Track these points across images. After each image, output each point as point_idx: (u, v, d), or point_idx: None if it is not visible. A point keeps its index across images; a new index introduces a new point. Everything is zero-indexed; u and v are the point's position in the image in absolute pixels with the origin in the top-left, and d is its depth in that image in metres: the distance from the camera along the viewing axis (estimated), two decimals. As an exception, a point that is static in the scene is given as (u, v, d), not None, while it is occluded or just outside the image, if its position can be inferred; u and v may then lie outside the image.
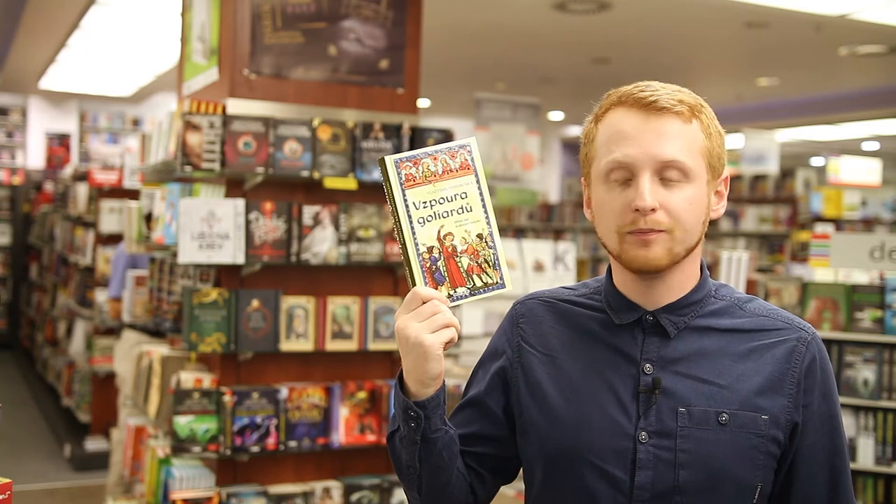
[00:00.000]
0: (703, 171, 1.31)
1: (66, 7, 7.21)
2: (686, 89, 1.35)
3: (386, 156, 1.30)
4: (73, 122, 12.12)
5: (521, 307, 1.47)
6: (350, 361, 3.48)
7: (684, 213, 1.29)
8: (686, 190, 1.29)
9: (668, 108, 1.29)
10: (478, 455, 1.44)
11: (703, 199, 1.32)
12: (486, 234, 1.32)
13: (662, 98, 1.29)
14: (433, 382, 1.29)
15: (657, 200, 1.28)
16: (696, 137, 1.31)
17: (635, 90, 1.32)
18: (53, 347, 8.24)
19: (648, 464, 1.30)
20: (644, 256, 1.29)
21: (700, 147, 1.31)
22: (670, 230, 1.29)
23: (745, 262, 4.49)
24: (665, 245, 1.29)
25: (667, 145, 1.28)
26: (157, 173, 3.96)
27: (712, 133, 1.33)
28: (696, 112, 1.32)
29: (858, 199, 9.84)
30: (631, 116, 1.31)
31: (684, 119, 1.30)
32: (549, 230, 13.34)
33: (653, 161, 1.28)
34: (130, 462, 3.92)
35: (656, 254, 1.29)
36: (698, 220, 1.32)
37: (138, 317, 4.40)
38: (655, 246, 1.29)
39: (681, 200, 1.29)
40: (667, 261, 1.30)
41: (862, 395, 4.02)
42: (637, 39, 8.28)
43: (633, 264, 1.31)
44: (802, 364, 1.33)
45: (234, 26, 3.35)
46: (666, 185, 1.29)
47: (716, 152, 1.33)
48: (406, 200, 1.30)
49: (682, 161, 1.28)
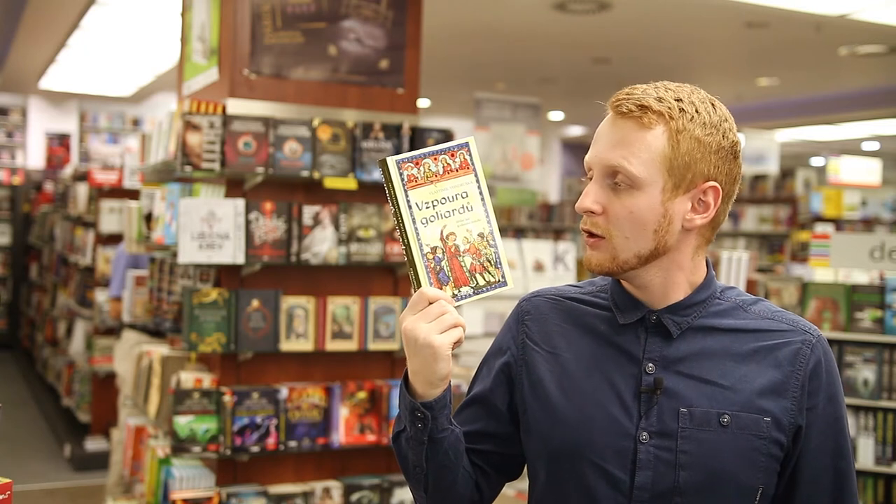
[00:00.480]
0: (657, 178, 1.28)
1: (66, 7, 7.21)
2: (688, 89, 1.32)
3: (387, 157, 1.31)
4: (73, 122, 12.12)
5: (527, 304, 1.47)
6: (350, 361, 3.48)
7: (623, 219, 1.29)
8: (632, 197, 1.29)
9: (626, 112, 1.29)
10: (483, 452, 1.44)
11: (652, 209, 1.29)
12: (487, 232, 1.33)
13: (626, 103, 1.29)
14: (441, 383, 1.29)
15: (599, 204, 1.31)
16: (653, 145, 1.28)
17: (623, 92, 1.32)
18: (53, 347, 8.24)
19: (648, 464, 1.30)
20: (588, 259, 1.35)
21: (657, 155, 1.28)
22: (608, 236, 1.31)
23: (745, 262, 4.49)
24: (607, 251, 1.32)
25: (613, 151, 1.29)
26: (157, 173, 3.96)
27: (682, 141, 1.28)
28: (667, 118, 1.28)
29: (858, 199, 9.84)
30: (606, 119, 1.34)
31: (642, 125, 1.28)
32: (549, 230, 13.34)
33: (600, 165, 1.31)
34: (130, 462, 3.92)
35: (598, 258, 1.33)
36: (644, 229, 1.29)
37: (138, 317, 4.40)
38: (597, 251, 1.33)
39: (621, 207, 1.29)
40: (611, 266, 1.32)
41: (862, 395, 4.02)
42: (637, 39, 8.28)
43: (585, 265, 1.35)
44: (807, 367, 1.32)
45: (234, 26, 3.35)
46: (614, 190, 1.30)
47: (682, 161, 1.28)
48: (409, 201, 1.30)
49: (627, 169, 1.28)
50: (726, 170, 1.32)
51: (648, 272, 1.33)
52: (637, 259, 1.31)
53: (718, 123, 1.31)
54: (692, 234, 1.33)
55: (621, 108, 1.29)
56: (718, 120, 1.31)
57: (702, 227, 1.33)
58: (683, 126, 1.28)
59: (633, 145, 1.28)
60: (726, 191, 1.33)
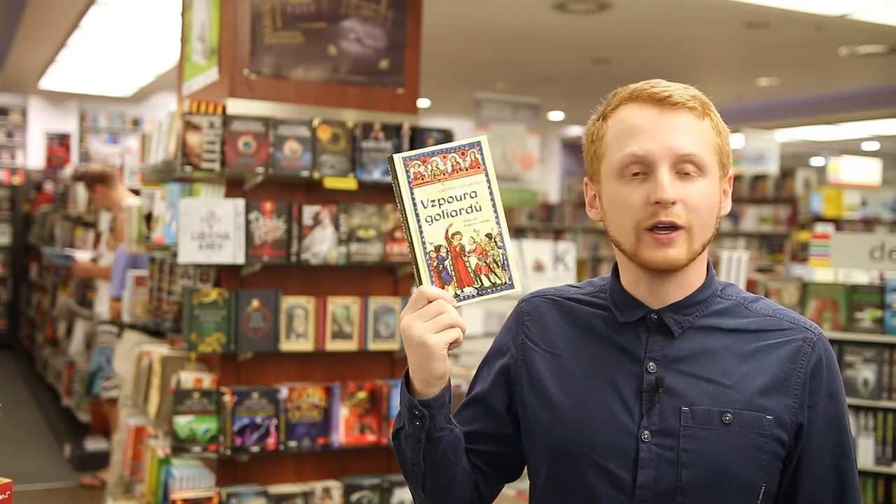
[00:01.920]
0: (715, 166, 1.32)
1: (66, 7, 7.21)
2: (692, 87, 1.35)
3: (394, 154, 1.30)
4: (73, 122, 12.12)
5: (527, 305, 1.47)
6: (350, 361, 3.48)
7: (702, 206, 1.30)
8: (701, 184, 1.30)
9: (682, 103, 1.30)
10: (482, 453, 1.44)
11: (716, 194, 1.32)
12: (495, 233, 1.32)
13: (676, 94, 1.30)
14: (437, 382, 1.29)
15: (675, 193, 1.28)
16: (708, 133, 1.32)
17: (647, 86, 1.32)
18: (53, 347, 8.24)
19: (651, 463, 1.29)
20: (664, 255, 1.29)
21: (712, 143, 1.32)
22: (689, 226, 1.29)
23: (745, 262, 4.49)
24: (684, 243, 1.29)
25: (683, 139, 1.29)
26: (157, 173, 3.96)
27: (721, 131, 1.34)
28: (708, 109, 1.33)
29: (858, 199, 9.83)
30: (645, 111, 1.31)
31: (697, 115, 1.31)
32: (549, 230, 13.35)
33: (671, 154, 1.29)
34: (130, 462, 3.92)
35: (677, 252, 1.29)
36: (712, 215, 1.32)
37: (138, 317, 4.40)
38: (674, 245, 1.29)
39: (698, 194, 1.29)
40: (686, 258, 1.30)
41: (862, 395, 4.02)
42: (637, 39, 8.28)
43: (651, 263, 1.30)
44: (808, 365, 1.32)
45: (234, 26, 3.35)
46: (682, 179, 1.29)
47: (725, 150, 1.35)
48: (414, 199, 1.29)
49: (699, 155, 1.29)
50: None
51: (693, 265, 1.34)
52: (702, 248, 1.32)
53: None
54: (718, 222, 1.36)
55: (673, 98, 1.30)
56: None
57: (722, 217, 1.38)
58: (717, 118, 1.35)
59: (695, 133, 1.30)
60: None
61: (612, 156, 1.33)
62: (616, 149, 1.32)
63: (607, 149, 1.34)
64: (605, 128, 1.35)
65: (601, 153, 1.36)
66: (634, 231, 1.30)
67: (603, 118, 1.36)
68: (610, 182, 1.34)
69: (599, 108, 1.39)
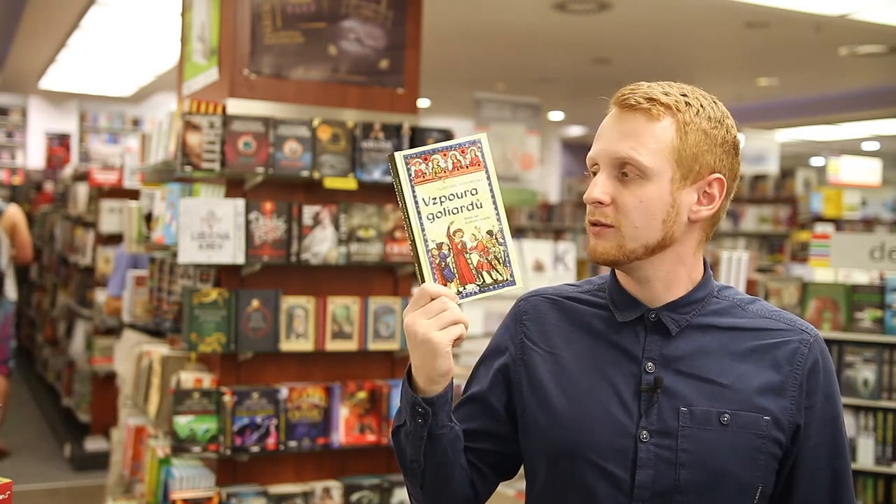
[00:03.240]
0: (665, 169, 1.30)
1: (66, 7, 7.21)
2: (689, 87, 1.35)
3: (395, 152, 1.30)
4: (73, 122, 12.13)
5: (525, 304, 1.47)
6: (350, 361, 3.48)
7: (633, 209, 1.30)
8: (640, 187, 1.30)
9: (634, 105, 1.31)
10: (479, 451, 1.44)
11: (661, 198, 1.31)
12: (496, 230, 1.32)
13: (634, 96, 1.31)
14: (441, 379, 1.29)
15: (608, 195, 1.31)
16: (662, 136, 1.30)
17: (627, 88, 1.34)
18: (53, 347, 8.24)
19: (649, 463, 1.30)
20: (593, 248, 1.34)
21: (666, 146, 1.30)
22: (617, 225, 1.31)
23: (745, 262, 4.49)
24: (613, 240, 1.32)
25: (622, 142, 1.31)
26: (157, 173, 3.96)
27: (690, 133, 1.30)
28: (674, 110, 1.31)
29: (858, 199, 9.83)
30: (610, 114, 1.35)
31: (650, 117, 1.30)
32: (549, 230, 13.35)
33: (608, 157, 1.32)
34: (130, 462, 3.92)
35: (604, 247, 1.32)
36: (653, 219, 1.31)
37: (138, 317, 4.40)
38: (603, 240, 1.33)
39: (632, 198, 1.30)
40: (617, 255, 1.32)
41: (862, 395, 4.02)
42: (637, 39, 8.28)
43: (589, 256, 1.36)
44: (805, 366, 1.33)
45: (234, 26, 3.35)
46: (623, 182, 1.31)
47: (690, 152, 1.30)
48: (415, 197, 1.29)
49: (636, 159, 1.30)
50: (729, 164, 1.35)
51: (653, 265, 1.34)
52: (644, 249, 1.32)
53: (722, 119, 1.35)
54: (696, 227, 1.35)
55: (629, 101, 1.31)
56: (722, 115, 1.35)
57: (705, 220, 1.35)
58: (690, 119, 1.31)
59: (641, 136, 1.30)
60: (728, 186, 1.36)
61: None
62: None
63: None
64: None
65: None
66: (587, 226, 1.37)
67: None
68: None
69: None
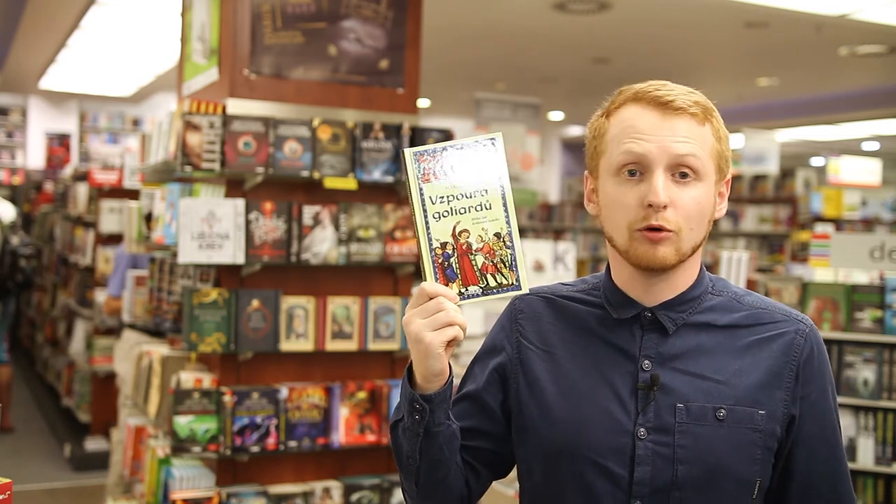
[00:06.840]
0: (712, 171, 1.34)
1: (66, 7, 7.21)
2: (698, 92, 1.36)
3: (406, 149, 1.29)
4: (73, 122, 12.13)
5: (520, 303, 1.47)
6: (350, 361, 3.48)
7: (693, 211, 1.31)
8: (696, 189, 1.31)
9: (684, 108, 1.31)
10: (474, 449, 1.44)
11: (710, 199, 1.34)
12: (504, 233, 1.30)
13: (679, 98, 1.31)
14: (436, 379, 1.29)
15: (669, 197, 1.29)
16: (707, 139, 1.33)
17: (651, 88, 1.33)
18: (53, 347, 8.24)
19: (647, 459, 1.31)
20: (652, 255, 1.30)
21: (710, 149, 1.33)
22: (678, 230, 1.30)
23: (745, 262, 4.49)
24: (673, 245, 1.31)
25: (682, 143, 1.30)
26: (157, 173, 3.96)
27: (721, 136, 1.36)
28: (709, 115, 1.34)
29: (858, 199, 9.84)
30: (647, 114, 1.32)
31: (698, 121, 1.32)
32: (549, 230, 13.35)
33: (667, 157, 1.30)
34: (130, 462, 3.92)
35: (665, 253, 1.30)
36: (704, 219, 1.33)
37: (138, 317, 4.40)
38: (664, 246, 1.30)
39: (690, 199, 1.31)
40: (675, 259, 1.31)
41: (862, 395, 4.02)
42: (637, 39, 8.28)
43: (640, 262, 1.32)
44: (801, 356, 1.35)
45: (234, 26, 3.35)
46: (676, 183, 1.31)
47: (724, 155, 1.36)
48: (423, 195, 1.28)
49: (696, 159, 1.30)
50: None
51: (683, 266, 1.35)
52: (691, 251, 1.33)
53: None
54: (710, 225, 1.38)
55: (676, 103, 1.31)
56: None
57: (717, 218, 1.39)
58: (719, 123, 1.36)
59: (696, 139, 1.32)
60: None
61: (611, 153, 1.34)
62: (616, 147, 1.33)
63: (608, 146, 1.35)
64: (608, 125, 1.36)
65: (602, 150, 1.37)
66: (627, 230, 1.32)
67: (606, 115, 1.38)
68: (608, 179, 1.35)
69: (605, 103, 1.40)
